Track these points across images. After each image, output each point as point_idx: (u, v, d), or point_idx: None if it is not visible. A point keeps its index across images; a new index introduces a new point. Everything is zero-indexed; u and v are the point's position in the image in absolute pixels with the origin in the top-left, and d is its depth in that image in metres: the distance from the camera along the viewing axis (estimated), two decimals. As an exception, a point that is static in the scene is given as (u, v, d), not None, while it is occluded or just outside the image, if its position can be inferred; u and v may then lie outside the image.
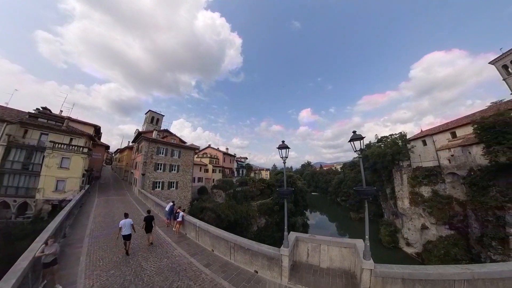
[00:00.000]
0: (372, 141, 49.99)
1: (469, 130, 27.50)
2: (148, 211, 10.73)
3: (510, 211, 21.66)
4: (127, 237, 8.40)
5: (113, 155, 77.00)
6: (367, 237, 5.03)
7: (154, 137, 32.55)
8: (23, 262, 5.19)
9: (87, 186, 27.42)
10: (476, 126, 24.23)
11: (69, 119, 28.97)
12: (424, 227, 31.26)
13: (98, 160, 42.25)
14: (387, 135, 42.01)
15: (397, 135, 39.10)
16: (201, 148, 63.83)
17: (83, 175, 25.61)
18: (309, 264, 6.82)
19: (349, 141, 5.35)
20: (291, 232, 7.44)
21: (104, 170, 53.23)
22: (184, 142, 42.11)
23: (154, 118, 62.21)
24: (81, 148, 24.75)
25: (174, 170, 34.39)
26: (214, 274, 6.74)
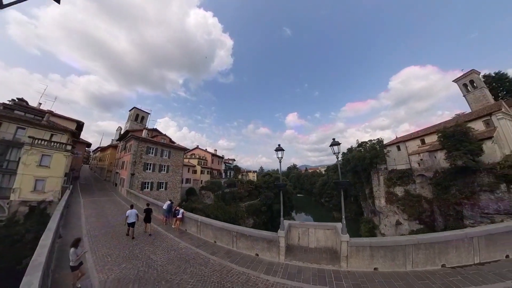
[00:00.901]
0: (353, 146, 53.63)
1: (435, 137, 31.31)
2: (147, 204, 12.03)
3: (467, 206, 25.32)
4: (132, 224, 9.97)
5: (91, 153, 71.90)
6: (343, 217, 6.59)
7: (144, 136, 32.30)
8: (39, 258, 5.34)
9: (70, 187, 26.52)
10: (439, 134, 27.87)
11: (51, 113, 26.93)
12: (398, 223, 34.57)
13: (78, 159, 40.28)
14: (367, 140, 45.70)
15: (375, 141, 42.74)
16: (189, 149, 63.45)
17: (65, 175, 24.66)
18: (300, 246, 8.23)
19: (330, 146, 6.90)
20: (284, 220, 8.82)
21: (81, 169, 50.68)
22: (174, 143, 42.01)
23: (139, 116, 59.78)
24: (64, 145, 23.19)
25: (164, 171, 34.26)
26: (221, 260, 7.71)
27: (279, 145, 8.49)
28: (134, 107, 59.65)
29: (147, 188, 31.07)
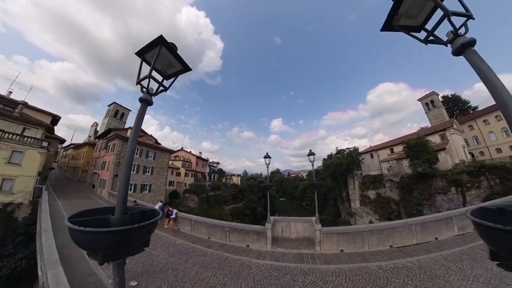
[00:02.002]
0: (333, 153, 57.48)
1: (401, 147, 35.46)
2: (135, 201, 12.55)
3: (426, 206, 29.28)
4: None
5: (61, 150, 64.50)
6: (316, 212, 8.22)
7: (129, 136, 31.70)
8: (52, 256, 6.05)
9: (45, 187, 24.98)
10: (404, 145, 31.83)
11: (25, 105, 24.37)
12: (371, 222, 37.97)
13: (49, 156, 37.45)
14: (345, 148, 49.60)
15: (352, 149, 46.61)
16: (174, 151, 62.17)
17: (39, 174, 23.06)
18: (284, 237, 9.66)
19: (307, 155, 8.57)
20: (270, 216, 10.22)
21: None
22: (159, 144, 41.44)
23: (118, 112, 56.70)
24: (39, 141, 21.39)
25: (148, 172, 33.76)
26: (217, 251, 8.72)
27: (267, 153, 9.97)
28: (114, 103, 56.64)
29: (130, 190, 30.33)
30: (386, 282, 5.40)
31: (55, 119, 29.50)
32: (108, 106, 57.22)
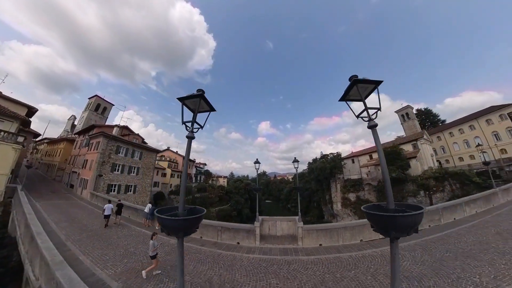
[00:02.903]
0: (317, 157, 60.12)
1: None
2: (119, 200, 13.97)
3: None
4: (107, 216, 12.39)
5: (33, 145, 59.15)
6: (299, 211, 9.38)
7: (115, 134, 30.66)
8: (56, 257, 6.02)
9: (20, 186, 23.16)
10: (381, 151, 34.79)
11: None
12: (349, 226, 40.57)
13: (22, 152, 34.61)
14: (329, 153, 52.23)
15: (335, 154, 49.29)
16: (161, 151, 60.84)
17: (12, 172, 21.38)
18: (270, 234, 10.66)
19: (292, 162, 9.71)
20: (258, 216, 11.18)
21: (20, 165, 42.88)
22: (145, 143, 40.47)
23: (100, 106, 53.12)
24: (14, 136, 19.90)
25: (134, 173, 32.86)
26: (210, 249, 9.37)
27: (257, 159, 11.01)
28: (96, 95, 52.59)
29: (114, 191, 29.25)
30: (354, 267, 6.62)
31: (32, 111, 27.72)
32: (89, 98, 53.27)
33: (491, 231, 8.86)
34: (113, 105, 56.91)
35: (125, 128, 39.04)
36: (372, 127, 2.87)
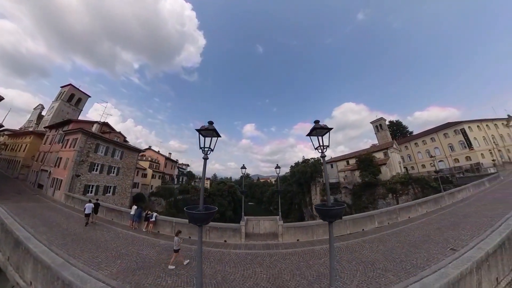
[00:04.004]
0: (299, 161, 62.83)
1: (354, 160, 41.77)
2: (97, 199, 14.68)
3: (370, 208, 35.14)
4: (87, 215, 12.99)
5: None
6: (279, 211, 10.67)
7: (96, 132, 29.10)
8: (56, 260, 6.50)
9: None
10: (357, 159, 37.87)
11: None
12: (326, 227, 43.16)
13: None
14: (310, 158, 55.11)
15: (316, 159, 52.19)
16: (143, 150, 58.40)
17: None
18: (254, 233, 11.71)
19: (275, 168, 10.96)
20: (244, 216, 12.17)
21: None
22: (127, 141, 38.66)
23: (74, 97, 48.22)
24: None
25: (113, 173, 31.41)
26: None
27: (243, 164, 12.13)
28: (70, 84, 47.38)
29: (91, 192, 27.47)
30: (324, 256, 8.00)
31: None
32: (62, 87, 47.38)
33: (433, 226, 10.91)
34: (89, 96, 52.50)
35: (106, 125, 36.61)
36: (323, 157, 4.58)
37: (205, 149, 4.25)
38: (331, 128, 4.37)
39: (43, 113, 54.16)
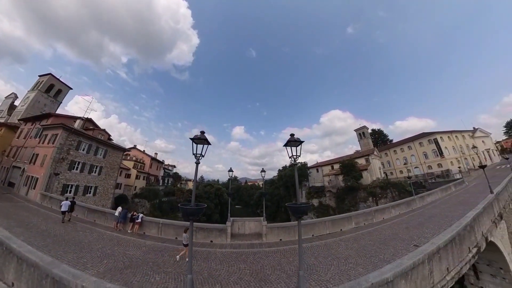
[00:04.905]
0: (287, 165, 64.29)
1: (338, 165, 43.69)
2: (73, 197, 14.99)
3: (353, 211, 36.88)
4: (63, 212, 13.22)
5: None
6: (264, 212, 11.25)
7: (78, 128, 27.55)
8: (56, 262, 6.18)
9: None
10: (341, 164, 39.71)
11: None
12: (311, 229, 44.38)
13: None
14: (297, 162, 56.67)
15: (303, 163, 53.74)
16: (128, 149, 56.38)
17: None
18: (240, 233, 12.13)
19: (260, 172, 11.58)
20: (230, 217, 12.55)
21: None
22: (111, 139, 36.96)
23: (53, 88, 44.47)
24: None
25: (95, 172, 30.02)
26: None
27: (230, 168, 12.62)
28: (50, 74, 43.69)
29: (70, 192, 26.05)
30: (303, 253, 8.59)
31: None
32: (40, 76, 43.75)
33: (402, 226, 12.06)
34: (71, 88, 49.20)
35: (89, 121, 34.27)
36: (293, 165, 5.45)
37: (197, 155, 4.79)
38: (303, 141, 5.31)
39: (16, 103, 49.85)
